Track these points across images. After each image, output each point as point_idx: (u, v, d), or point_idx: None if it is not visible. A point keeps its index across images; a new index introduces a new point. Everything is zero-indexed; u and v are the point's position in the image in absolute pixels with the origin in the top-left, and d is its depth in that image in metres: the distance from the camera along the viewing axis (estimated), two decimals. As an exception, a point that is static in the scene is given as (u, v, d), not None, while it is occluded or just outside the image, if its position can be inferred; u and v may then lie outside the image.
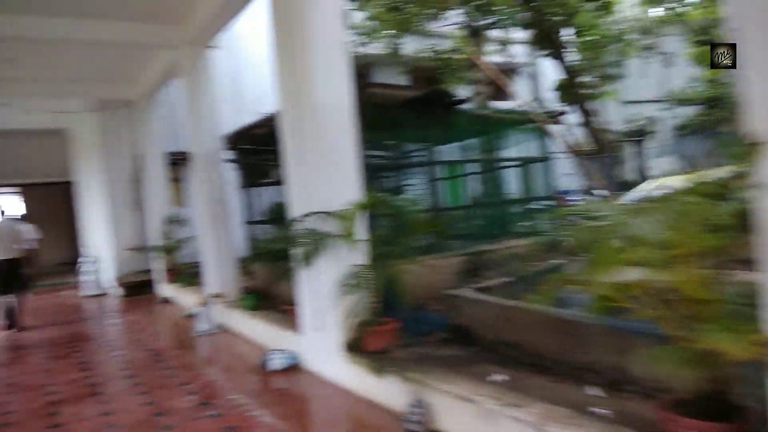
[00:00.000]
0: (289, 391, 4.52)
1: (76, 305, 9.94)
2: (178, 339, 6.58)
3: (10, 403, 4.59)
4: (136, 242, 11.03)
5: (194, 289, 8.68)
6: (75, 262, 16.42)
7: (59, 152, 14.30)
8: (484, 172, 8.05)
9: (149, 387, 4.77)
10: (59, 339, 7.10)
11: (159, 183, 10.07)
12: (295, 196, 4.88)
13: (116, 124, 10.89)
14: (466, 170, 8.77)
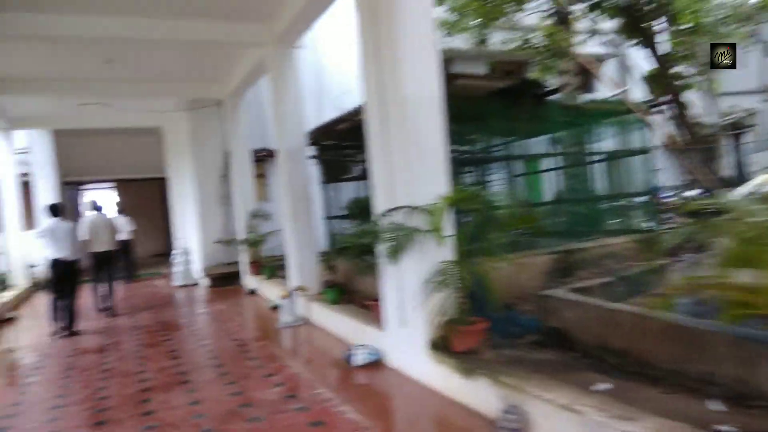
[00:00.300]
0: (373, 388, 4.43)
1: (168, 295, 10.43)
2: (262, 330, 6.70)
3: (106, 389, 4.79)
4: (223, 235, 11.43)
5: (278, 282, 8.86)
6: (167, 254, 17.37)
7: (152, 150, 15.13)
8: (572, 166, 7.63)
9: (236, 377, 4.84)
10: (151, 327, 7.43)
11: (245, 179, 10.35)
12: (380, 190, 4.78)
13: (206, 123, 11.32)
14: (554, 164, 8.36)
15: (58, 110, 11.57)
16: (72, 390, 4.84)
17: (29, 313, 9.61)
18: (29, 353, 6.49)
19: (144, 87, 9.70)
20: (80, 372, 5.42)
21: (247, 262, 10.26)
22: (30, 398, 4.70)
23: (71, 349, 6.47)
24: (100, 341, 6.76)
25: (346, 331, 5.77)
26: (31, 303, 10.78)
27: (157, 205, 18.47)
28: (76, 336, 7.15)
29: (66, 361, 5.92)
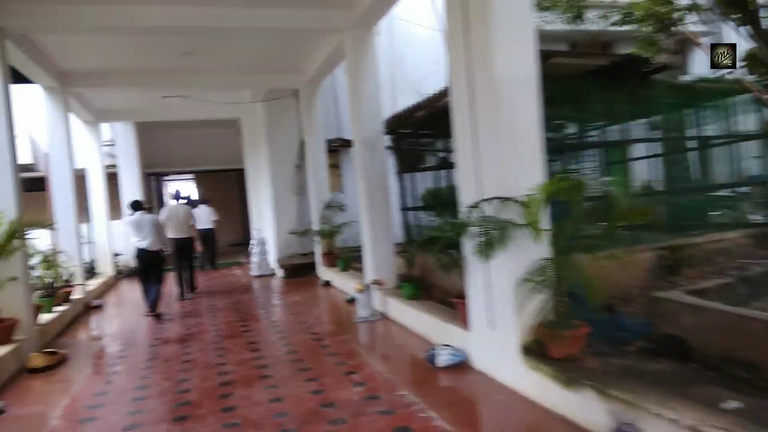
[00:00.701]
0: (460, 392, 4.13)
1: (245, 284, 10.56)
2: (339, 324, 6.54)
3: (187, 381, 4.76)
4: (297, 226, 11.44)
5: (353, 274, 8.70)
6: (245, 244, 17.78)
7: (230, 141, 15.43)
8: (675, 152, 6.93)
9: (315, 373, 4.68)
10: (230, 317, 7.47)
11: (320, 169, 10.27)
12: (466, 180, 4.44)
13: (281, 113, 11.33)
14: (649, 150, 7.65)
15: (141, 103, 11.96)
16: (154, 381, 4.85)
17: (114, 300, 10.00)
18: (114, 341, 6.67)
19: (222, 78, 9.79)
20: (162, 362, 5.45)
21: (321, 254, 10.20)
22: (114, 388, 4.74)
23: (154, 338, 6.58)
24: (181, 330, 6.85)
25: (427, 329, 5.50)
26: (116, 290, 11.25)
27: (235, 196, 18.94)
28: (160, 319, 7.62)
29: (148, 350, 6.00)
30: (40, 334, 6.33)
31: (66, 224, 9.08)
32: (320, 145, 10.34)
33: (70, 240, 9.08)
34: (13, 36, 6.25)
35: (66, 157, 9.13)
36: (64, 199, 9.11)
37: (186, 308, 8.38)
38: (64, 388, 4.82)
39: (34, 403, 4.46)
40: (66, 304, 7.88)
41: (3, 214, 5.57)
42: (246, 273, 12.05)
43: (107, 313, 8.71)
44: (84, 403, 4.38)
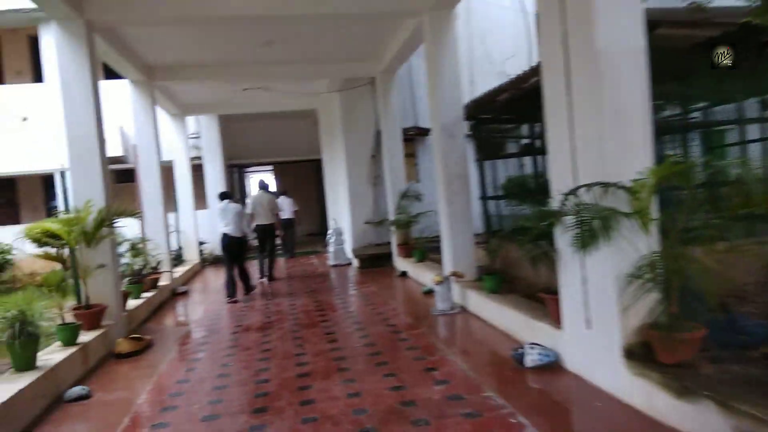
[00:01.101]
0: (553, 396, 3.79)
1: (323, 274, 10.58)
2: (417, 316, 6.32)
3: (266, 371, 4.70)
4: (373, 216, 11.33)
5: (429, 265, 8.46)
6: (321, 234, 17.99)
7: (308, 132, 15.57)
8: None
9: (394, 368, 4.48)
10: (308, 306, 7.44)
11: (396, 158, 10.07)
12: (559, 164, 4.06)
13: (357, 102, 11.23)
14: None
15: (223, 96, 12.25)
16: (234, 369, 4.84)
17: (199, 287, 10.32)
18: (197, 327, 6.80)
19: (300, 68, 9.78)
20: (242, 350, 5.46)
21: (396, 244, 10.03)
22: (195, 375, 4.76)
23: (235, 325, 6.65)
24: (261, 318, 6.89)
25: (511, 325, 5.16)
26: (201, 277, 11.63)
27: (312, 186, 19.18)
28: (242, 301, 8.17)
29: (229, 337, 6.05)
30: (128, 319, 6.56)
31: (153, 213, 9.46)
32: (396, 134, 10.14)
33: (157, 228, 9.45)
34: (101, 30, 6.45)
35: (153, 148, 9.48)
36: (151, 190, 9.48)
37: (266, 295, 8.47)
38: (148, 374, 4.91)
39: (118, 389, 4.56)
40: (153, 291, 8.17)
41: (92, 202, 5.76)
42: (323, 262, 12.11)
43: (192, 300, 8.98)
44: (166, 390, 4.42)
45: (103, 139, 6.25)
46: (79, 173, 6.04)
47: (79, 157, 6.02)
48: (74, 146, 6.01)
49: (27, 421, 3.78)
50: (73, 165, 6.03)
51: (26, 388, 3.80)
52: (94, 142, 6.06)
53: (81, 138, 6.00)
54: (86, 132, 6.01)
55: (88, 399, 4.27)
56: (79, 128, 5.99)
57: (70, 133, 5.98)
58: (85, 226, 5.71)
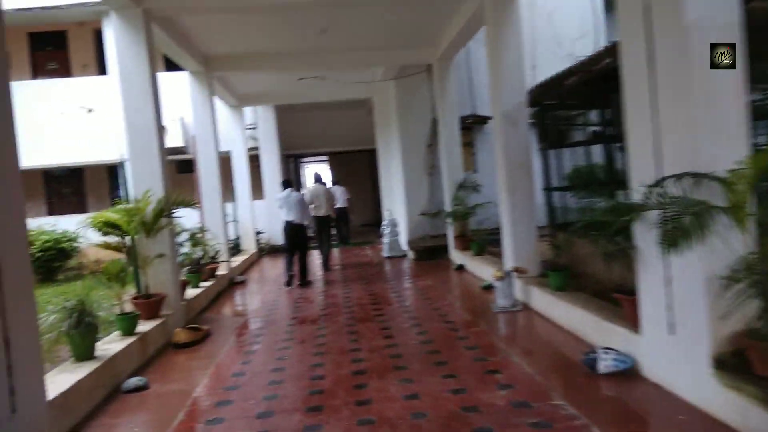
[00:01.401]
0: (631, 407, 3.45)
1: (377, 265, 10.44)
2: (476, 313, 6.05)
3: (321, 367, 4.57)
4: (428, 207, 11.09)
5: (488, 259, 8.15)
6: (375, 225, 17.90)
7: (362, 122, 15.44)
8: None
9: (453, 369, 4.25)
10: (363, 299, 7.30)
11: (453, 147, 9.76)
12: (640, 153, 3.69)
13: (413, 90, 10.98)
14: None
15: (279, 86, 12.27)
16: (289, 363, 4.74)
17: (256, 276, 10.39)
18: (254, 318, 6.79)
19: (356, 56, 9.60)
20: (297, 343, 5.36)
21: (453, 236, 9.74)
22: (251, 368, 4.69)
23: (290, 317, 6.59)
24: (316, 310, 6.80)
25: (580, 326, 4.82)
26: (258, 267, 11.73)
27: (366, 176, 19.12)
28: (305, 285, 8.59)
29: (285, 329, 5.98)
30: (186, 309, 6.61)
31: (212, 203, 9.55)
32: (454, 123, 9.81)
33: (215, 218, 9.54)
34: (158, 18, 6.46)
35: (211, 139, 9.56)
36: (209, 180, 9.57)
37: (321, 286, 8.41)
38: (205, 365, 4.88)
39: (175, 380, 4.54)
40: (211, 280, 8.25)
41: (151, 192, 5.79)
42: (377, 253, 11.98)
43: (249, 289, 9.03)
44: (222, 383, 4.36)
45: (161, 129, 6.28)
46: (138, 163, 6.10)
47: (137, 147, 6.07)
48: (133, 136, 6.06)
49: (85, 411, 3.79)
50: (132, 155, 6.08)
51: (85, 378, 3.81)
52: (153, 131, 6.09)
53: (139, 127, 6.05)
54: (145, 121, 6.05)
55: (146, 390, 4.27)
56: (137, 117, 6.03)
57: (129, 122, 6.04)
58: (144, 216, 5.76)
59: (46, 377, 3.67)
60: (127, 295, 5.41)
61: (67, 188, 14.98)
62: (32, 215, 14.11)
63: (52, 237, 10.71)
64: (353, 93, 12.46)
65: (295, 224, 8.73)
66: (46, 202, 14.85)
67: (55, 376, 3.77)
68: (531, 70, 9.94)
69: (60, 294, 4.41)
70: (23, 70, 14.98)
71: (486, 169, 11.28)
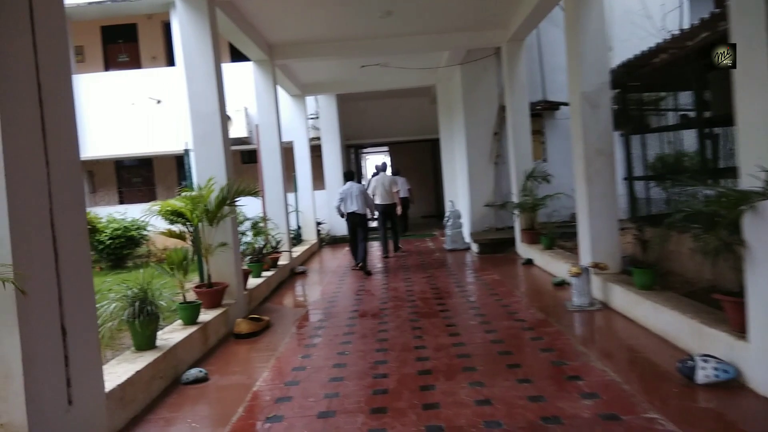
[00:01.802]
0: (738, 425, 2.99)
1: (440, 258, 10.11)
2: (549, 311, 5.63)
3: (384, 364, 4.32)
4: (493, 198, 10.64)
5: (560, 253, 7.67)
6: (436, 216, 17.55)
7: (423, 111, 15.09)
8: None
9: (528, 372, 3.89)
10: (426, 292, 7.02)
11: (522, 135, 9.27)
12: (753, 135, 3.19)
13: (480, 76, 10.54)
14: None
15: (341, 75, 12.10)
16: (350, 359, 4.52)
17: (317, 267, 10.30)
18: (315, 309, 6.64)
19: (420, 40, 9.25)
20: (359, 338, 5.14)
21: (520, 229, 9.27)
22: (312, 363, 4.50)
23: (351, 309, 6.39)
24: (377, 303, 6.57)
25: (672, 330, 4.33)
26: (319, 257, 11.67)
27: (428, 167, 18.76)
28: (366, 273, 8.87)
29: (346, 322, 5.78)
30: (248, 298, 6.54)
31: (274, 193, 9.51)
32: (523, 109, 9.31)
33: (277, 208, 9.49)
34: (222, 4, 6.37)
35: (274, 128, 9.50)
36: (272, 169, 9.52)
37: (382, 278, 8.18)
38: (265, 358, 4.75)
39: (235, 372, 4.41)
40: (273, 270, 8.19)
41: (213, 180, 5.71)
42: (439, 246, 11.64)
43: (310, 280, 8.93)
44: (282, 377, 4.19)
45: (225, 116, 6.20)
46: (202, 151, 6.04)
47: (201, 134, 6.02)
48: (197, 123, 6.00)
49: (143, 403, 3.70)
50: (196, 142, 6.03)
51: (144, 369, 3.72)
52: (216, 118, 6.01)
53: (203, 114, 5.99)
54: (208, 108, 5.98)
55: (205, 382, 4.16)
56: (201, 104, 5.97)
57: (193, 109, 5.98)
58: (208, 205, 5.69)
59: (106, 367, 3.61)
60: (190, 283, 5.36)
61: (138, 178, 15.49)
62: (104, 204, 14.68)
63: (121, 225, 11.00)
64: (416, 80, 12.13)
65: (357, 214, 9.06)
66: (118, 191, 15.41)
67: (115, 366, 3.70)
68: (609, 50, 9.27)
69: (123, 281, 4.34)
70: (97, 62, 15.59)
71: (556, 158, 10.69)
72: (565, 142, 11.15)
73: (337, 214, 9.35)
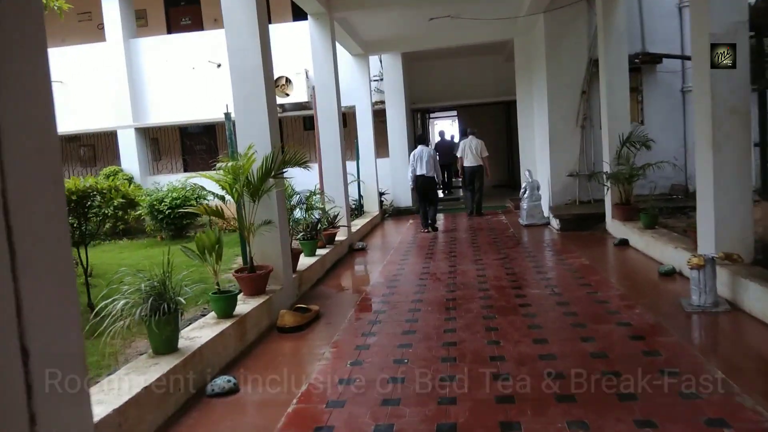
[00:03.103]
0: None
1: (515, 235, 9.01)
2: (660, 311, 4.51)
3: (451, 382, 3.40)
4: (579, 167, 9.37)
5: (663, 234, 6.43)
6: (509, 186, 16.27)
7: (497, 70, 13.75)
8: None
9: (649, 409, 2.87)
10: (501, 278, 6.03)
11: (618, 93, 7.92)
12: None
13: (567, 25, 9.15)
14: None
15: (407, 30, 11.00)
16: (409, 371, 3.62)
17: (378, 243, 9.48)
18: (373, 296, 5.82)
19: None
20: (420, 340, 4.25)
21: (612, 203, 8.01)
22: (362, 374, 3.65)
23: (413, 298, 5.50)
24: (444, 291, 5.64)
25: None
26: (381, 231, 10.86)
27: (501, 132, 17.40)
28: (434, 231, 9.73)
29: (406, 316, 4.90)
30: (298, 281, 5.82)
31: (332, 162, 8.70)
32: (621, 62, 7.92)
33: (335, 178, 8.69)
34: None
35: (332, 90, 8.61)
36: (330, 136, 8.68)
37: (449, 259, 7.23)
38: (307, 361, 3.99)
39: (271, 383, 3.63)
40: (328, 247, 7.45)
41: (254, 148, 4.92)
42: (513, 221, 10.49)
43: (370, 257, 8.14)
44: (323, 396, 3.36)
45: (271, 76, 5.38)
46: (244, 116, 5.27)
47: (243, 97, 5.24)
48: (238, 83, 5.23)
49: (155, 424, 3.00)
50: (237, 106, 5.26)
51: (156, 382, 3.01)
52: (259, 77, 5.20)
53: (244, 73, 5.19)
54: (250, 64, 5.17)
55: (235, 394, 3.43)
56: (241, 60, 5.17)
57: (233, 66, 5.20)
58: (249, 177, 4.93)
59: (105, 382, 2.93)
60: (230, 268, 4.65)
61: (201, 145, 15.16)
62: (169, 171, 14.49)
63: (181, 194, 10.61)
64: (491, 34, 10.85)
65: (427, 177, 9.56)
66: (182, 159, 15.18)
67: (120, 380, 3.01)
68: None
69: (146, 258, 3.65)
70: (160, 26, 15.24)
71: (655, 120, 9.24)
72: (667, 101, 9.64)
73: (410, 179, 9.80)
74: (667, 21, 9.43)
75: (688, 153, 9.44)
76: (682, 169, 9.38)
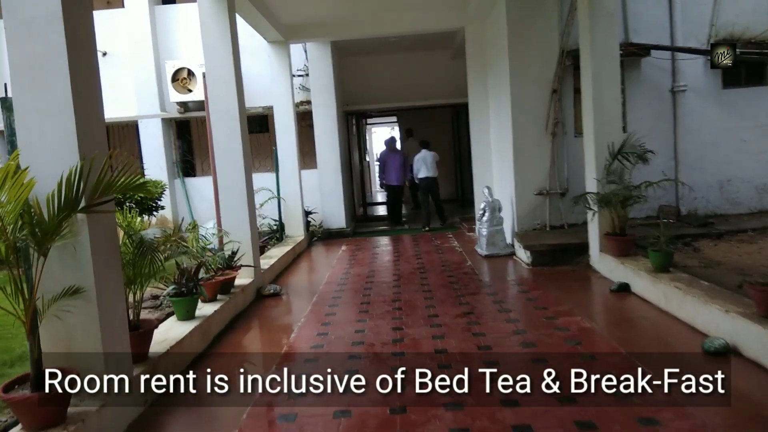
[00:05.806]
0: None
1: (475, 272, 7.02)
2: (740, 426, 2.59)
3: None
4: (552, 184, 7.57)
5: (693, 284, 4.59)
6: (458, 201, 14.43)
7: (444, 68, 11.92)
8: None
9: None
10: (471, 356, 3.99)
11: (607, 90, 6.14)
12: None
13: (534, 11, 7.36)
14: None
15: (338, 13, 8.92)
16: None
17: (300, 282, 7.23)
18: (273, 393, 3.59)
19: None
20: None
21: (599, 233, 6.21)
22: None
23: (336, 407, 3.33)
24: (385, 393, 3.51)
25: None
26: (306, 262, 8.64)
27: (447, 139, 15.53)
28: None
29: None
30: (150, 372, 3.51)
31: (229, 179, 6.37)
32: (610, 50, 6.13)
33: (236, 200, 6.38)
34: None
35: (231, 83, 6.30)
36: (227, 142, 6.36)
37: (393, 318, 5.12)
38: None
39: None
40: (221, 299, 5.19)
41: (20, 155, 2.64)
42: (468, 248, 8.52)
43: (281, 310, 5.92)
44: None
45: (75, 31, 3.12)
46: (26, 98, 2.97)
47: (25, 64, 2.93)
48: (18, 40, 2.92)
49: None
50: (15, 80, 2.95)
51: None
52: (55, 33, 2.92)
53: (25, 23, 2.90)
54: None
55: None
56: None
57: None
58: (32, 210, 2.66)
59: None
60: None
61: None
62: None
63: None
64: (438, 22, 8.97)
65: (431, 178, 10.45)
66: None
67: None
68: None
69: None
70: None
71: (641, 126, 7.49)
72: (654, 104, 7.99)
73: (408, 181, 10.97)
74: (654, 6, 7.81)
75: (679, 168, 7.82)
76: (672, 188, 7.74)
